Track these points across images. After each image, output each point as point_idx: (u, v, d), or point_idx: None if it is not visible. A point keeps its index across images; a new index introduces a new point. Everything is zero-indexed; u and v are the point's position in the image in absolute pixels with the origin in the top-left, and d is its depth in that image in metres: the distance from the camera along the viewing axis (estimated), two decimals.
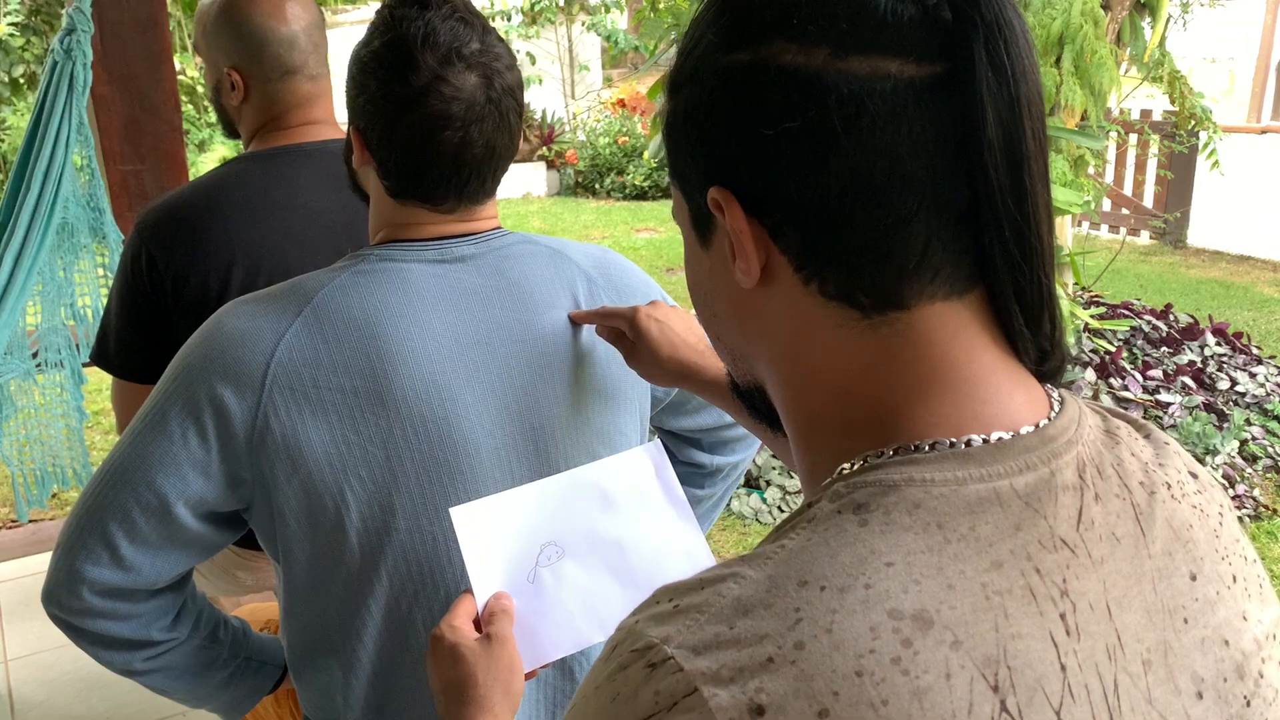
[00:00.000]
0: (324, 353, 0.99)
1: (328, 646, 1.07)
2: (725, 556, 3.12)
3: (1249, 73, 10.01)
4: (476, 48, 0.99)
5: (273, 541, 1.05)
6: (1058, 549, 0.48)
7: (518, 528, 0.97)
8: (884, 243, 0.49)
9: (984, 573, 0.46)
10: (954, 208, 0.49)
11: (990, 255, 0.50)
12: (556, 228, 8.71)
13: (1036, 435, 0.51)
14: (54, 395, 2.35)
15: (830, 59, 0.48)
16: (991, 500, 0.48)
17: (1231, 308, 6.01)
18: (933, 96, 0.48)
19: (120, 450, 1.01)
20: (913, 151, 0.48)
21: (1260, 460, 3.74)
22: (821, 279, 0.51)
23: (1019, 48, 0.48)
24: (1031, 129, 0.49)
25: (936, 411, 0.51)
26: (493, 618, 0.90)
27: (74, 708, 2.39)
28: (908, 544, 0.46)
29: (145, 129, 2.37)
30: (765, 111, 0.50)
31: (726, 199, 0.52)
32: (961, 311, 0.51)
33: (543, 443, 1.07)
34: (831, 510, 0.48)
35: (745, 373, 0.61)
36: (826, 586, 0.45)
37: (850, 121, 0.48)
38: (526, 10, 10.46)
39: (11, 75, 6.72)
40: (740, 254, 0.53)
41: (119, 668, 1.10)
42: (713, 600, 0.46)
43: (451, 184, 1.03)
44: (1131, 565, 0.51)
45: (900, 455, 0.50)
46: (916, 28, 0.48)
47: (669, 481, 1.04)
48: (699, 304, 0.61)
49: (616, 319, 1.07)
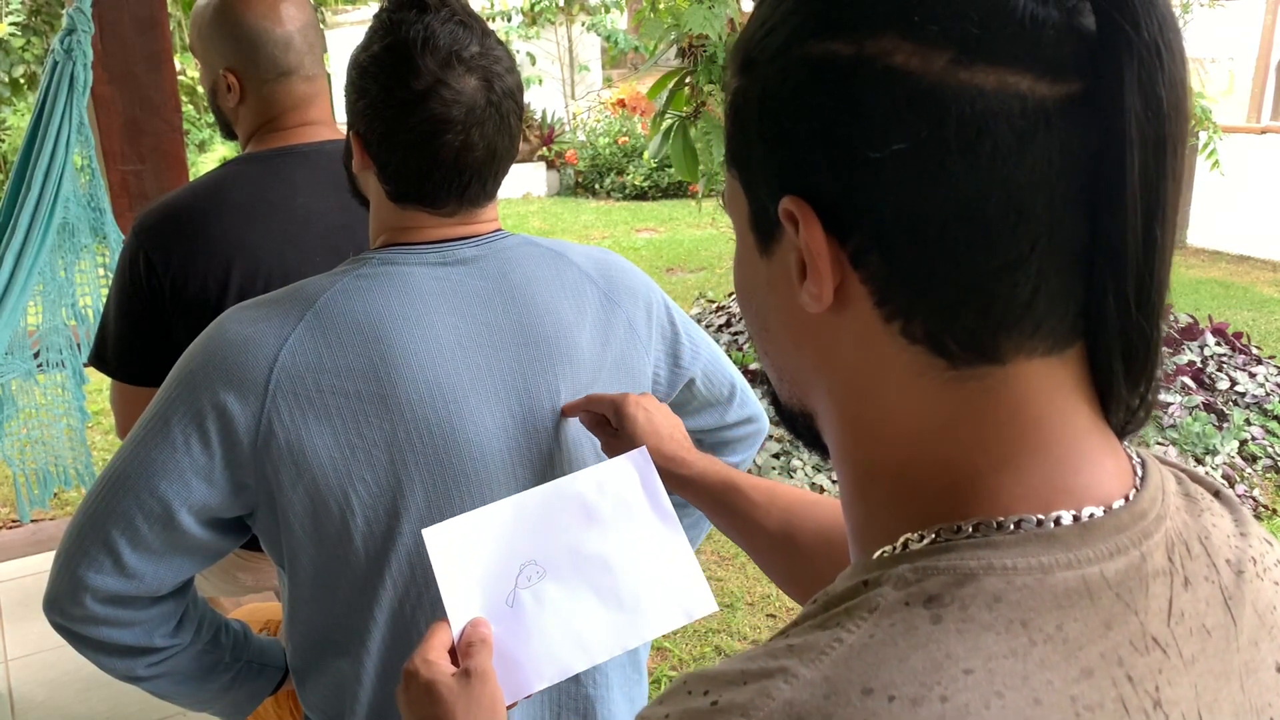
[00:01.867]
0: (327, 357, 0.99)
1: (332, 650, 1.07)
2: (723, 558, 3.11)
3: (1249, 73, 10.01)
4: (476, 50, 0.99)
5: (277, 547, 1.05)
6: (1149, 651, 0.43)
7: (494, 547, 0.92)
8: (989, 287, 0.43)
9: (1073, 684, 0.41)
10: (1069, 251, 0.42)
11: (1103, 308, 0.43)
12: (556, 228, 8.71)
13: (1127, 511, 0.45)
14: (55, 395, 2.35)
15: (951, 67, 0.41)
16: (1081, 593, 0.42)
17: (1231, 308, 6.02)
18: (1064, 121, 0.41)
19: (122, 457, 1.01)
20: (1034, 184, 0.41)
21: (1260, 460, 3.74)
22: (907, 319, 0.45)
23: (1176, 74, 0.41)
24: (1174, 172, 0.42)
25: (1024, 483, 0.45)
26: (470, 649, 0.85)
27: (74, 708, 2.39)
28: (988, 647, 0.40)
29: (145, 129, 2.37)
30: (867, 122, 0.42)
31: (804, 213, 0.45)
32: (1059, 369, 0.45)
33: (546, 445, 1.07)
34: (898, 600, 0.42)
35: (794, 396, 0.54)
36: (896, 697, 0.39)
37: (969, 146, 0.41)
38: (526, 10, 10.46)
39: (12, 75, 6.73)
40: (813, 277, 0.45)
41: (121, 674, 1.10)
42: (760, 703, 0.40)
43: (452, 187, 1.03)
44: (1221, 662, 0.46)
45: (979, 534, 0.44)
46: (1056, 38, 0.41)
47: (655, 491, 0.99)
48: (748, 313, 0.54)
49: (603, 405, 1.04)
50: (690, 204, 8.37)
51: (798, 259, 0.46)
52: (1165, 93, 0.41)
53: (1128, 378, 0.45)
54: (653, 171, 9.69)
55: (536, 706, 1.09)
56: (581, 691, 1.10)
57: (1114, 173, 0.41)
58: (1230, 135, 5.60)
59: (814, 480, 3.42)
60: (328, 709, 1.10)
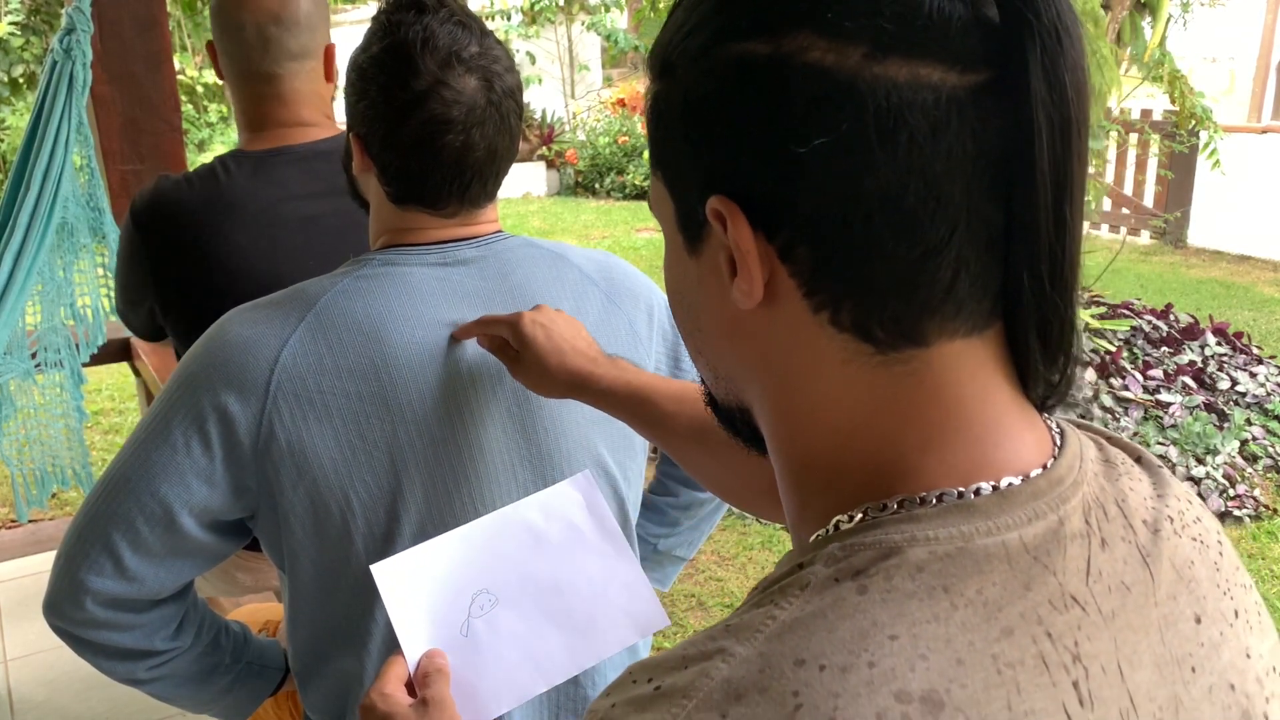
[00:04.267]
0: (328, 358, 0.99)
1: (334, 651, 1.07)
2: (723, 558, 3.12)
3: (1249, 73, 10.01)
4: (476, 51, 0.99)
5: (278, 549, 1.05)
6: (1068, 608, 0.45)
7: (445, 578, 0.93)
8: (912, 273, 0.44)
9: (994, 643, 0.42)
10: (986, 235, 0.44)
11: (1018, 288, 0.45)
12: (556, 227, 8.71)
13: (1044, 478, 0.47)
14: (53, 395, 2.35)
15: (865, 61, 0.42)
16: (1000, 557, 0.44)
17: (1232, 308, 6.01)
18: (975, 109, 0.42)
19: (123, 460, 1.01)
20: (949, 172, 0.43)
21: (1260, 460, 3.74)
22: (834, 308, 0.46)
23: (1075, 58, 0.43)
24: (1079, 153, 0.44)
25: (947, 461, 0.46)
26: (427, 679, 0.86)
27: (74, 708, 2.39)
28: (912, 613, 0.42)
29: (145, 129, 2.37)
30: (788, 119, 0.43)
31: (731, 212, 0.46)
32: (979, 349, 0.47)
33: (547, 446, 1.07)
34: (828, 577, 0.44)
35: (728, 392, 0.55)
36: (826, 666, 0.41)
37: (887, 137, 0.42)
38: (526, 10, 10.44)
39: (11, 75, 6.72)
40: (743, 273, 0.47)
41: (122, 677, 1.10)
42: (699, 683, 0.42)
43: (453, 188, 1.03)
44: (1140, 616, 0.48)
45: (903, 510, 0.46)
46: (963, 30, 0.42)
47: (601, 514, 1.00)
48: (680, 313, 0.55)
49: (499, 326, 1.01)
50: None
51: (727, 256, 0.48)
52: (1068, 76, 0.42)
53: (1044, 354, 0.47)
54: None
55: (535, 708, 1.08)
56: (580, 693, 1.10)
57: (1024, 156, 0.43)
58: (1230, 135, 5.60)
59: None
60: (329, 710, 1.10)
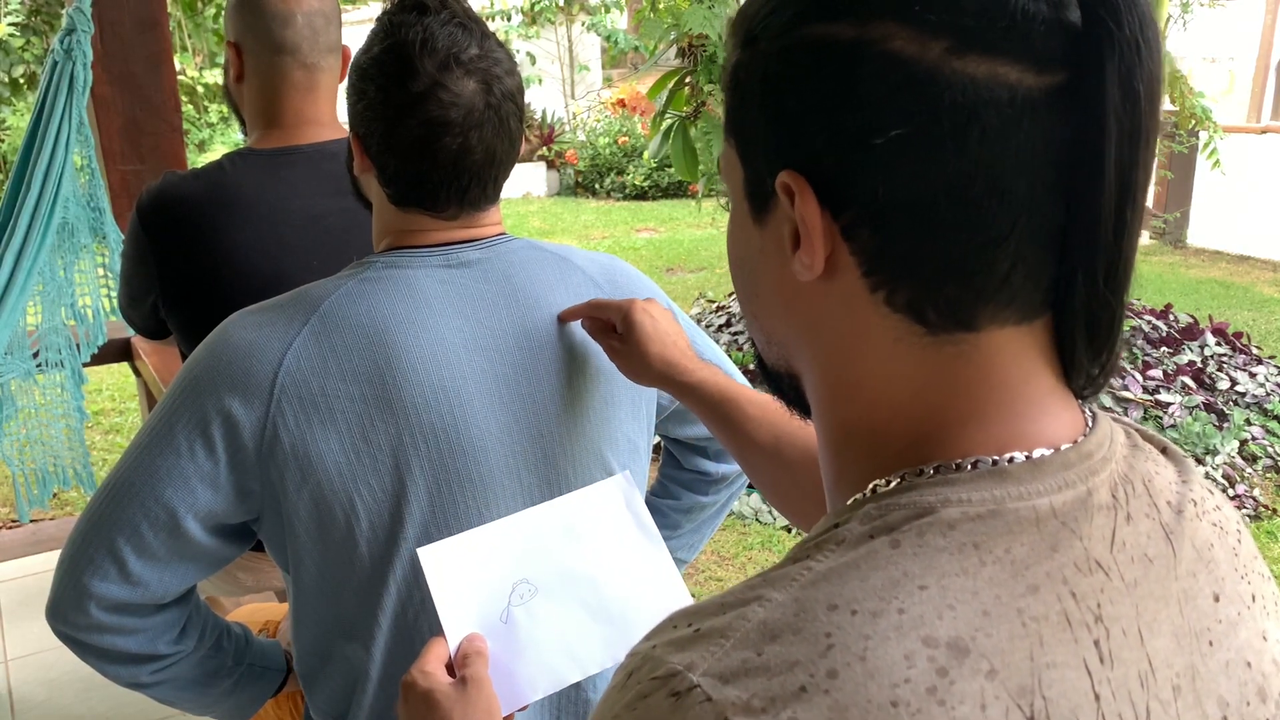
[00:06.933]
0: (332, 361, 0.99)
1: (338, 653, 1.07)
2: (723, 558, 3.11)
3: (1249, 73, 10.01)
4: (475, 53, 0.99)
5: (282, 552, 1.05)
6: (1093, 572, 0.47)
7: (488, 566, 0.95)
8: (969, 262, 0.46)
9: (1020, 597, 0.44)
10: (1044, 231, 0.46)
11: (1071, 283, 0.47)
12: (556, 228, 8.71)
13: (1075, 451, 0.49)
14: (54, 395, 2.35)
15: (946, 55, 0.43)
16: (1029, 521, 0.46)
17: (1231, 308, 6.02)
18: (1048, 110, 0.44)
19: (126, 464, 1.00)
20: (1017, 169, 0.44)
21: (1260, 460, 3.74)
22: (891, 289, 0.48)
23: (1152, 69, 0.43)
24: (1145, 161, 0.45)
25: (984, 432, 0.48)
26: (466, 660, 0.88)
27: (74, 708, 2.39)
28: (942, 566, 0.44)
29: (145, 129, 2.37)
30: (866, 105, 0.45)
31: (800, 187, 0.47)
32: (1026, 337, 0.49)
33: (550, 449, 1.07)
34: (863, 533, 0.46)
35: (779, 357, 0.57)
36: (858, 611, 0.43)
37: (959, 131, 0.43)
38: (526, 10, 10.45)
39: (11, 75, 6.73)
40: (805, 247, 0.48)
41: (125, 681, 1.10)
42: (736, 624, 0.44)
43: (452, 190, 1.03)
44: (1161, 587, 0.49)
45: (939, 475, 0.48)
46: (1045, 32, 0.43)
47: (640, 513, 1.03)
48: (739, 277, 0.56)
49: (610, 310, 1.05)
50: (690, 204, 8.37)
51: (791, 229, 0.49)
52: (1142, 86, 0.43)
53: (1090, 347, 0.49)
54: (653, 171, 9.69)
55: (536, 711, 1.09)
56: (581, 695, 1.10)
57: (1092, 160, 0.44)
58: (1230, 135, 5.60)
59: None
60: (332, 710, 1.10)
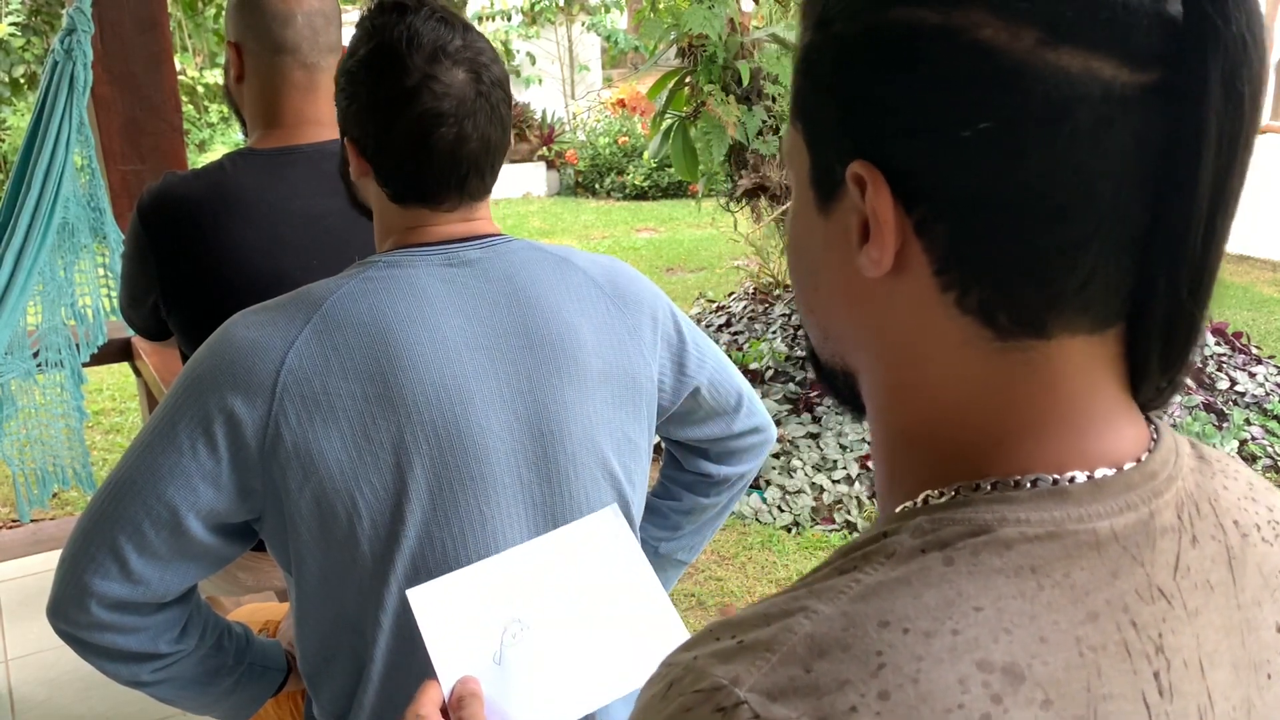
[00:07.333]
0: (334, 360, 0.99)
1: (341, 653, 1.07)
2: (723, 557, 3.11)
3: None
4: (460, 44, 1.01)
5: (284, 551, 1.05)
6: (1155, 600, 0.45)
7: (478, 606, 0.95)
8: (1048, 266, 0.43)
9: (1078, 625, 0.42)
10: (1127, 235, 0.43)
11: (1151, 292, 0.44)
12: (556, 228, 8.71)
13: (1138, 471, 0.46)
14: (54, 395, 2.35)
15: (1039, 47, 0.40)
16: (1090, 545, 0.44)
17: (1231, 308, 6.02)
18: (1142, 109, 0.41)
19: (128, 463, 1.01)
20: (1105, 170, 0.41)
21: (1260, 460, 3.74)
22: (963, 290, 0.45)
23: (1258, 69, 0.40)
24: (1242, 167, 0.42)
25: (1044, 447, 0.46)
26: (461, 703, 0.87)
27: (74, 707, 2.39)
28: (998, 588, 0.42)
29: (145, 129, 2.37)
30: (951, 97, 0.42)
31: (874, 179, 0.44)
32: (1097, 347, 0.46)
33: (551, 448, 1.07)
34: (914, 547, 0.44)
35: (834, 354, 0.54)
36: (910, 629, 0.41)
37: (1049, 127, 0.41)
38: (526, 10, 10.45)
39: (12, 75, 6.73)
40: (875, 242, 0.45)
41: (126, 680, 1.10)
42: (782, 637, 0.42)
43: (451, 181, 1.04)
44: (1223, 616, 0.47)
45: (996, 491, 0.45)
46: (1145, 26, 0.40)
47: (629, 545, 1.02)
48: (798, 268, 0.53)
49: None
50: (690, 204, 8.37)
51: (859, 221, 0.46)
52: (1247, 87, 0.40)
53: (1163, 359, 0.46)
54: (653, 171, 9.69)
55: None
56: None
57: (1187, 164, 0.41)
58: None
59: (814, 480, 3.42)
60: (336, 709, 1.11)
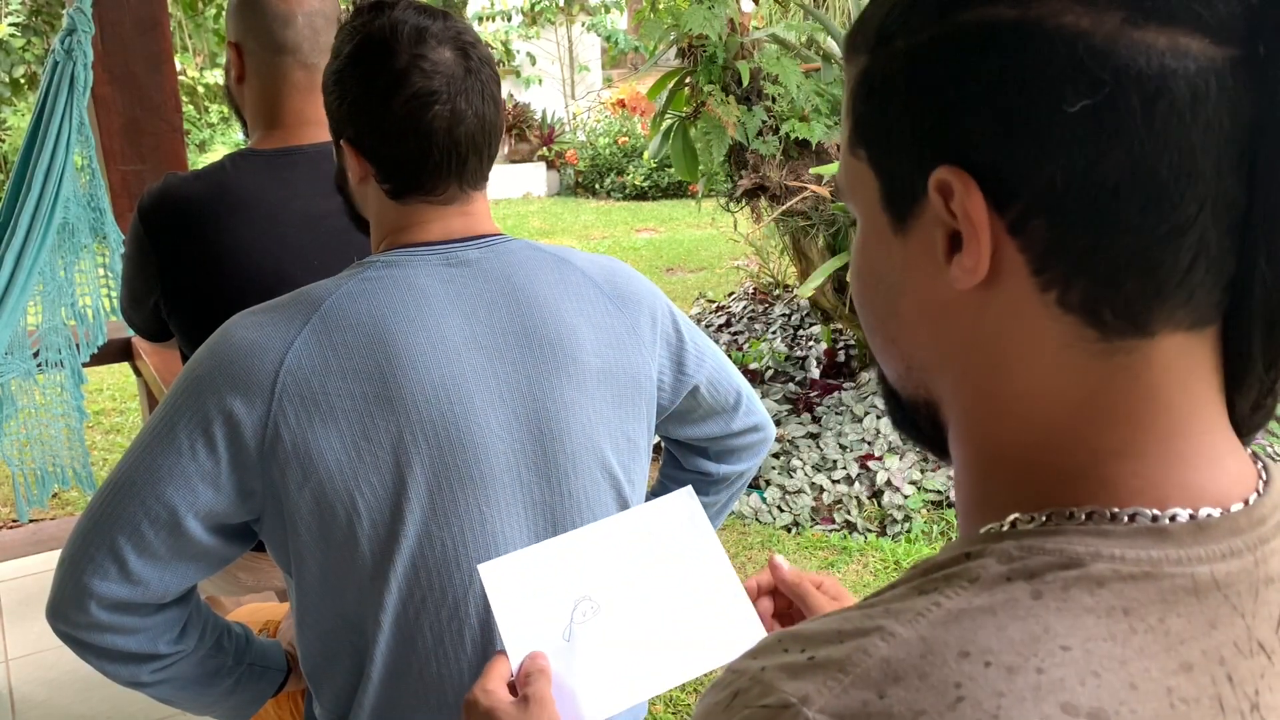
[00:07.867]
0: (333, 360, 0.99)
1: (342, 653, 1.08)
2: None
3: None
4: (442, 25, 1.03)
5: (284, 552, 1.05)
6: (1254, 655, 0.43)
7: (550, 583, 0.94)
8: (1154, 251, 0.42)
9: (1171, 675, 0.41)
10: (1227, 217, 0.42)
11: (1251, 277, 0.42)
12: (556, 228, 8.71)
13: (1245, 515, 0.44)
14: (54, 395, 2.35)
15: (1124, 26, 0.40)
16: (1188, 590, 0.42)
17: None
18: (1231, 82, 0.40)
19: (128, 463, 1.01)
20: (1205, 146, 0.40)
21: (1259, 460, 3.74)
22: (1065, 287, 0.43)
23: None
24: None
25: (1143, 475, 0.44)
26: (529, 678, 0.87)
27: (75, 707, 2.39)
28: (1088, 628, 0.40)
29: (145, 129, 2.37)
30: (1039, 84, 0.41)
31: (964, 182, 0.43)
32: (1197, 349, 0.44)
33: (550, 447, 1.07)
34: (1000, 574, 0.42)
35: (918, 385, 0.52)
36: (993, 663, 0.39)
37: (1147, 105, 0.40)
38: (526, 10, 10.46)
39: (12, 75, 6.74)
40: (969, 249, 0.44)
41: (125, 680, 1.10)
42: (856, 658, 0.41)
43: (450, 165, 1.04)
44: None
45: (1091, 522, 0.43)
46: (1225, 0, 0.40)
47: (704, 528, 1.01)
48: (874, 300, 0.52)
49: None
50: (690, 204, 8.37)
51: (945, 233, 0.45)
52: None
53: (1266, 353, 0.44)
54: (653, 171, 9.69)
55: None
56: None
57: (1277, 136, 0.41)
58: None
59: (813, 480, 3.42)
60: (336, 709, 1.11)
